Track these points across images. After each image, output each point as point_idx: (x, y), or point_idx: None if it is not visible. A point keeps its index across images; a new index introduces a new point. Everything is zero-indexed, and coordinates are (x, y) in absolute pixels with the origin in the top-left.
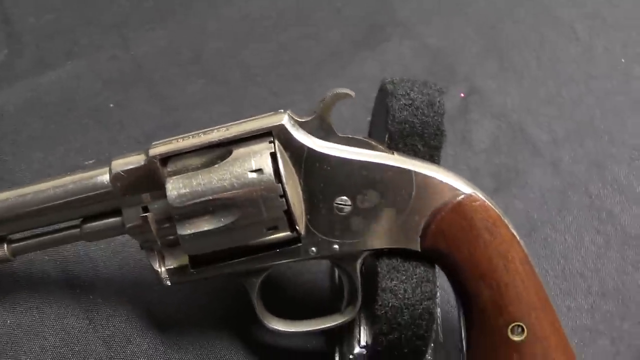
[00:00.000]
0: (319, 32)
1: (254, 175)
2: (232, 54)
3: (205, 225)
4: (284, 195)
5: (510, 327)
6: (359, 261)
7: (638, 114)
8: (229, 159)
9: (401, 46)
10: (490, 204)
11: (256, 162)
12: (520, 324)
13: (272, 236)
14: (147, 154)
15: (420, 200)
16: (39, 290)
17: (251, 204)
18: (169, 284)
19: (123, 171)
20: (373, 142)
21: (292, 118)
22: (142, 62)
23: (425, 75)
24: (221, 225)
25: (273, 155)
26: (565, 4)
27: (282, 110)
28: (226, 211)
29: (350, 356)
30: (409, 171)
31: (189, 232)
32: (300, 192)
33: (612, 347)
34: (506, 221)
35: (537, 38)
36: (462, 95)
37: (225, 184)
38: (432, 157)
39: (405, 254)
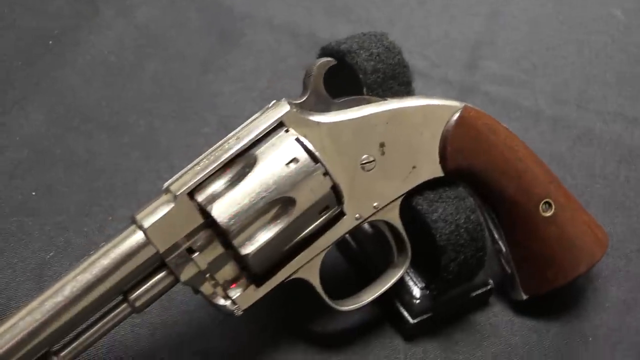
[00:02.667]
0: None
1: (292, 165)
2: None
3: (265, 235)
4: (327, 171)
5: (540, 206)
6: (397, 209)
7: None
8: (259, 162)
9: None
10: (480, 110)
11: (286, 153)
12: (547, 199)
13: (324, 217)
14: (172, 195)
15: (428, 129)
16: None
17: (301, 194)
18: (241, 312)
19: (156, 222)
20: (366, 97)
21: (291, 103)
22: None
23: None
24: (281, 227)
25: (298, 140)
26: None
27: (275, 101)
28: (280, 212)
29: (416, 301)
30: (409, 108)
31: (253, 248)
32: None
33: None
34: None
35: None
36: None
37: (269, 186)
38: (409, 92)
39: (431, 186)
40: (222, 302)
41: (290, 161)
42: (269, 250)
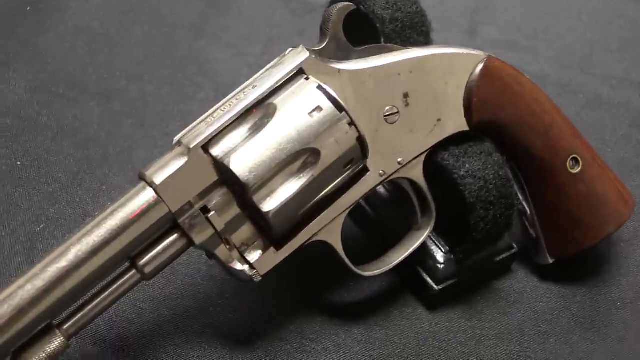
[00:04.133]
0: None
1: (315, 114)
2: None
3: (287, 190)
4: (352, 121)
5: (568, 162)
6: (421, 165)
7: None
8: (279, 111)
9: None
10: (504, 61)
11: (309, 101)
12: (574, 155)
13: (348, 171)
14: (184, 148)
15: (452, 80)
16: None
17: (326, 145)
18: (260, 278)
19: (167, 179)
20: (387, 45)
21: (310, 50)
22: None
23: None
24: (304, 182)
25: (320, 88)
26: None
27: (292, 48)
28: (303, 165)
29: (440, 266)
30: (433, 56)
31: (274, 205)
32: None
33: None
34: None
35: None
36: None
37: (291, 137)
38: (427, 42)
39: (456, 140)
40: (239, 266)
41: (313, 110)
42: (291, 208)
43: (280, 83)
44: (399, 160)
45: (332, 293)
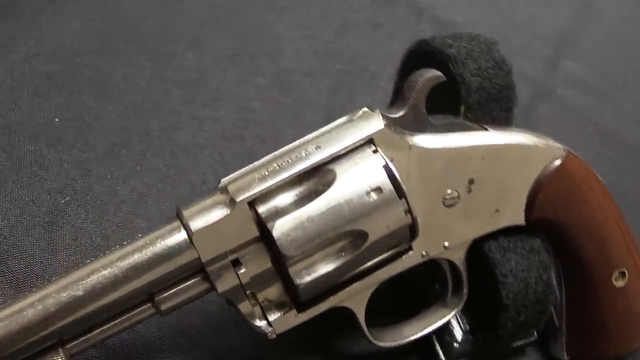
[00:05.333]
0: None
1: (374, 195)
2: None
3: (326, 266)
4: (409, 208)
5: (614, 274)
6: (466, 249)
7: None
8: (337, 182)
9: None
10: (581, 159)
11: (370, 179)
12: (623, 269)
13: (391, 252)
14: (229, 198)
15: (523, 172)
16: None
17: (376, 230)
18: (275, 336)
19: (205, 228)
20: (467, 123)
21: (385, 116)
22: None
23: None
24: (344, 261)
25: (386, 167)
26: None
27: (368, 109)
28: (348, 245)
29: (456, 345)
30: (510, 146)
31: (308, 279)
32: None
33: None
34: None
35: None
36: None
37: (342, 215)
38: (508, 119)
39: (508, 231)
40: (257, 322)
41: (373, 190)
42: (324, 281)
43: (345, 152)
44: (446, 244)
45: (341, 338)
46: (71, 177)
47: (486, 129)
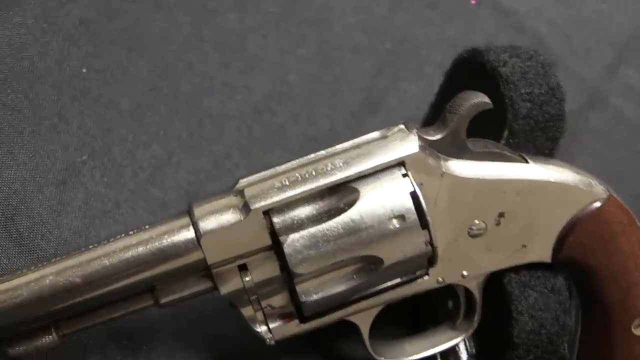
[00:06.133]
0: None
1: (396, 223)
2: None
3: (335, 287)
4: (431, 239)
5: (634, 322)
6: (484, 279)
7: None
8: (359, 204)
9: None
10: (623, 203)
11: (395, 205)
12: None
13: (405, 278)
14: (244, 202)
15: (558, 210)
16: None
17: (393, 257)
18: (274, 343)
19: (214, 231)
20: (507, 152)
21: (421, 137)
22: None
23: None
24: (355, 284)
25: (413, 195)
26: None
27: (404, 126)
28: (361, 269)
29: None
30: (549, 184)
31: (315, 298)
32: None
33: None
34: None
35: None
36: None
37: (360, 239)
38: (552, 149)
39: (531, 265)
40: (257, 328)
41: (396, 217)
42: (331, 300)
43: (374, 171)
44: (464, 273)
45: (341, 341)
46: (91, 135)
47: (526, 161)
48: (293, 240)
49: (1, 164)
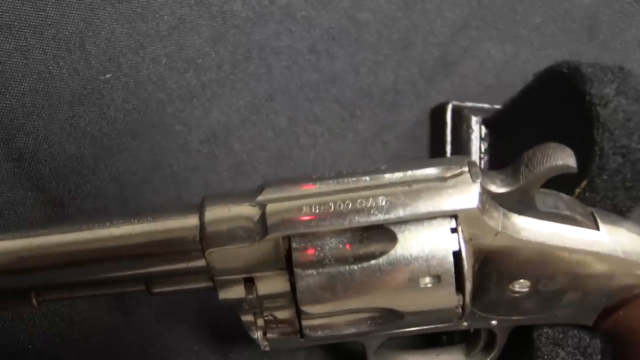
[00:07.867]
0: None
1: (429, 282)
2: None
3: (345, 329)
4: (464, 305)
5: None
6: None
7: None
8: (392, 254)
9: None
10: None
11: (433, 264)
12: None
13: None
14: (262, 223)
15: (616, 283)
16: None
17: (417, 313)
18: (268, 349)
19: (224, 249)
20: (578, 216)
21: (484, 188)
22: None
23: None
24: (368, 329)
25: (456, 255)
26: None
27: (469, 166)
28: (377, 318)
29: None
30: (615, 257)
31: (320, 334)
32: (471, 279)
33: None
34: None
35: None
36: None
37: (383, 293)
38: (630, 209)
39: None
40: (254, 334)
41: (430, 276)
42: (339, 338)
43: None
44: (494, 323)
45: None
46: (119, 50)
47: (596, 223)
48: (309, 276)
49: (12, 69)
